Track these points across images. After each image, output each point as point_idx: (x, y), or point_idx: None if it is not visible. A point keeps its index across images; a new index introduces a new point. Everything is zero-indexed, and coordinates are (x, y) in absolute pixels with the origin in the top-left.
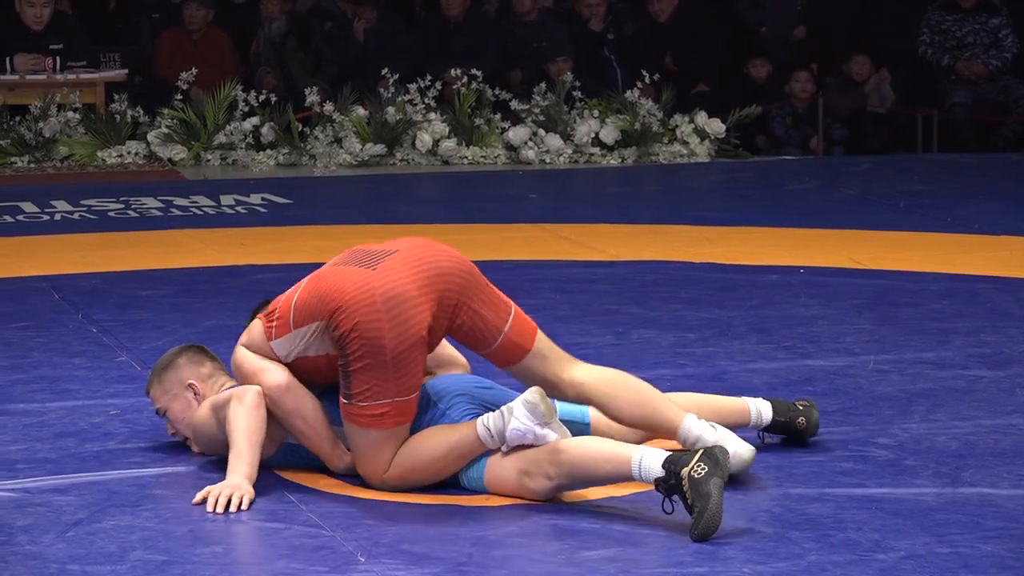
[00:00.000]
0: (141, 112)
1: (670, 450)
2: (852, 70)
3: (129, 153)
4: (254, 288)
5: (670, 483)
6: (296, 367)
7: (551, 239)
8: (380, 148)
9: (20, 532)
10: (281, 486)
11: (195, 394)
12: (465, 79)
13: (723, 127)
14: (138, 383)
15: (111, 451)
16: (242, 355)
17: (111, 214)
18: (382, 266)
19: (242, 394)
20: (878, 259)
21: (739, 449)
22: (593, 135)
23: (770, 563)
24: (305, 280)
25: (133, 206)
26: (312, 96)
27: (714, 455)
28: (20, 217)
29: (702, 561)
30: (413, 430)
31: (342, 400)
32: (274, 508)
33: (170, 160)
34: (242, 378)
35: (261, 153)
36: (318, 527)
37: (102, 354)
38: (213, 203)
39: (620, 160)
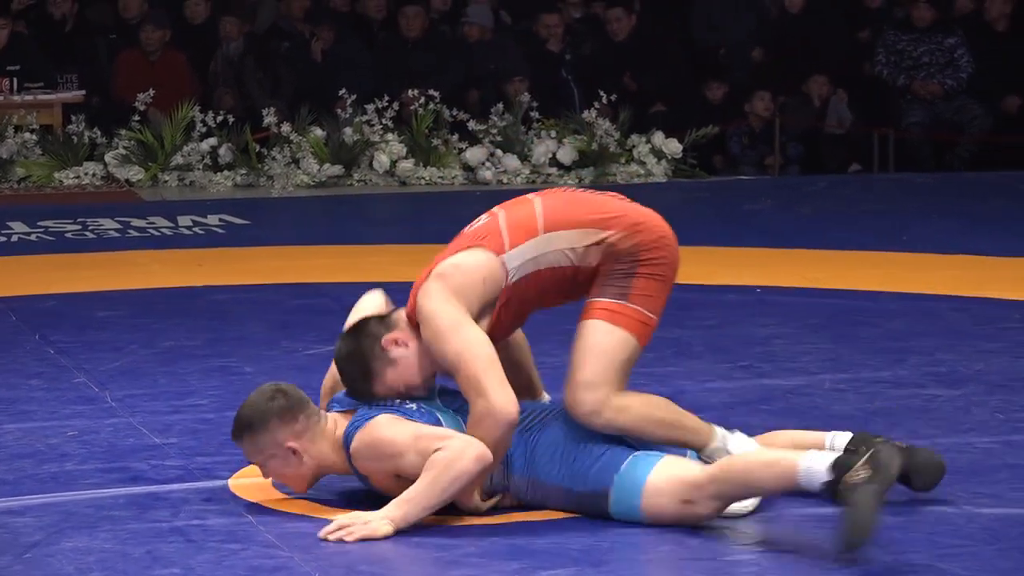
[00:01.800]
0: (99, 133)
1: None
2: (810, 90)
3: (87, 174)
4: (212, 309)
5: (836, 488)
6: (515, 288)
7: None
8: (338, 169)
9: None
10: (238, 506)
11: (295, 454)
12: (422, 99)
13: (680, 147)
14: (96, 404)
15: (68, 472)
16: (440, 313)
17: (68, 235)
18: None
19: (473, 448)
20: (834, 278)
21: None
22: (550, 155)
23: None
24: (513, 203)
25: (91, 227)
26: (270, 117)
27: (880, 460)
28: None
29: None
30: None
31: (607, 301)
32: (232, 529)
33: (127, 181)
34: (440, 345)
35: (219, 174)
36: (276, 547)
37: (59, 375)
38: (171, 224)
39: (577, 180)
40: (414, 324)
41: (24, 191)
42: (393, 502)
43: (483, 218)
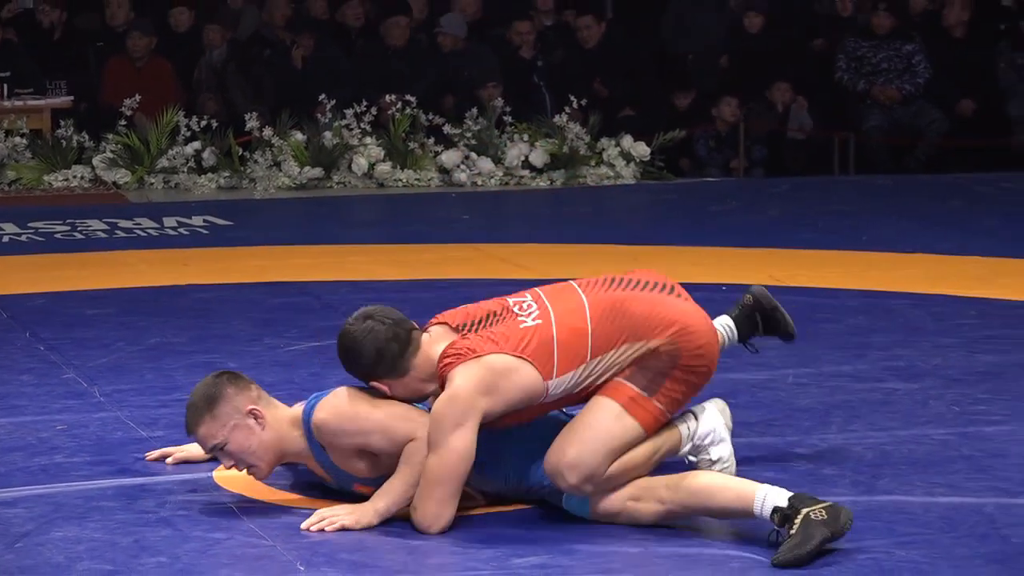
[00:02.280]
0: (86, 137)
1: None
2: (773, 97)
3: (75, 177)
4: (197, 307)
5: (787, 514)
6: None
7: (483, 259)
8: (318, 171)
9: None
10: (222, 496)
11: (256, 419)
12: (400, 105)
13: (648, 150)
14: (85, 399)
15: (58, 464)
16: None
17: (58, 236)
18: (684, 299)
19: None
20: (797, 277)
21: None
22: (523, 158)
23: (695, 569)
24: (554, 317)
25: (79, 228)
26: (252, 121)
27: (838, 514)
28: None
29: (630, 567)
30: None
31: (633, 389)
32: (216, 518)
33: (115, 184)
34: (434, 431)
35: (203, 176)
36: (259, 536)
37: (49, 371)
38: (156, 225)
39: (549, 182)
40: (442, 381)
41: (15, 193)
42: (375, 495)
43: (532, 307)
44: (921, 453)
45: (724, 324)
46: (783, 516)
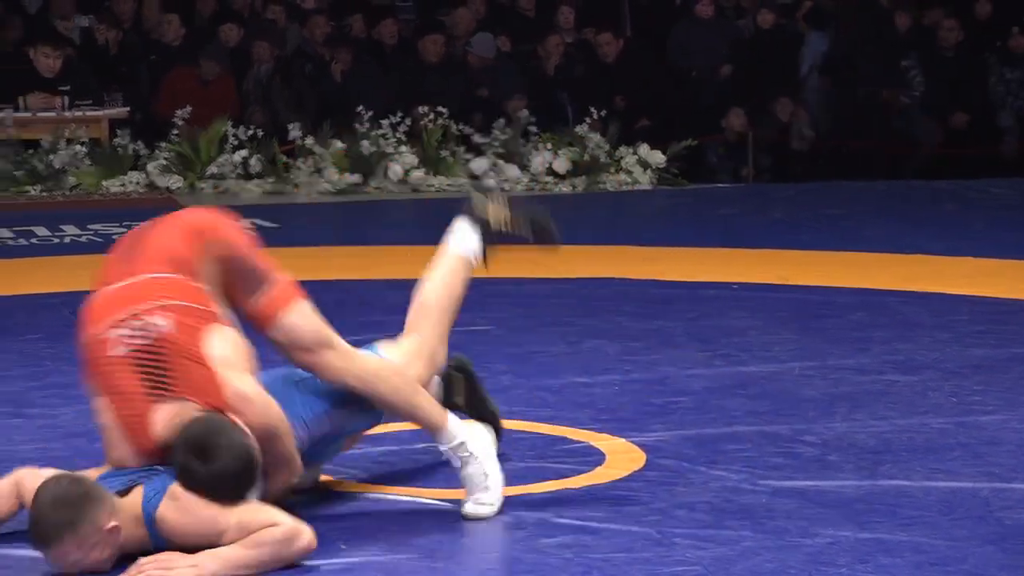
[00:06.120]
0: (142, 145)
1: None
2: (777, 109)
3: (131, 183)
4: None
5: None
6: None
7: (509, 259)
8: (356, 178)
9: None
10: None
11: (113, 533)
12: (432, 116)
13: (663, 158)
14: None
15: None
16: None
17: (115, 237)
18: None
19: (305, 538)
20: (802, 275)
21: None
22: (547, 165)
23: (710, 548)
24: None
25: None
26: (295, 131)
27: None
28: (33, 240)
29: (649, 547)
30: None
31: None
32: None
33: (167, 189)
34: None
35: (249, 182)
36: (301, 516)
37: None
38: None
39: (571, 188)
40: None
41: (75, 197)
42: (208, 553)
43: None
44: (920, 441)
45: None
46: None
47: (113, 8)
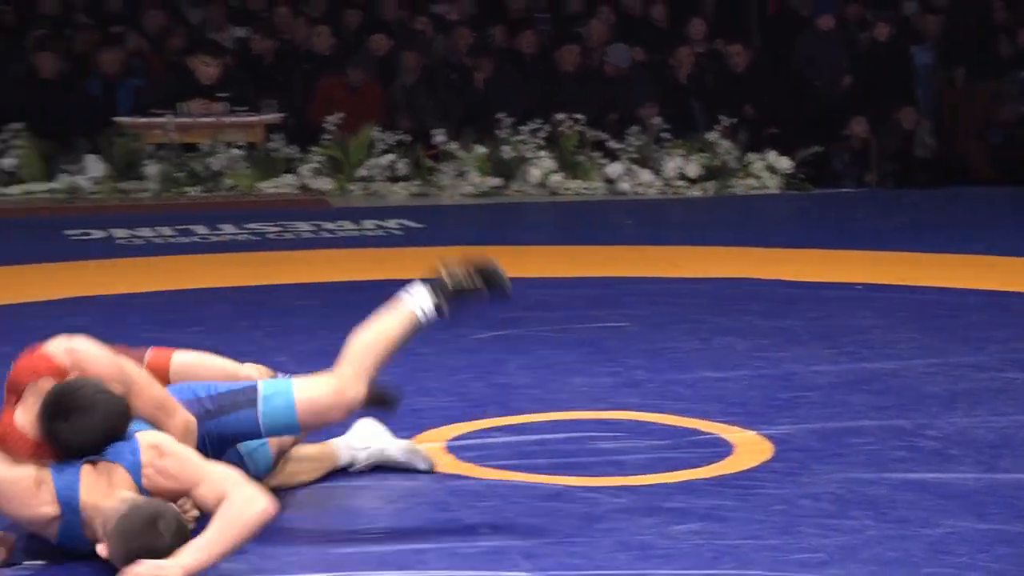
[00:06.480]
0: (295, 149)
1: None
2: (900, 118)
3: (284, 184)
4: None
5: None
6: None
7: (644, 259)
8: (497, 181)
9: None
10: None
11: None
12: (570, 122)
13: (791, 163)
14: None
15: None
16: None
17: (270, 236)
18: None
19: (258, 495)
20: (924, 278)
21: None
22: (679, 170)
23: (834, 537)
24: None
25: (288, 229)
26: (439, 136)
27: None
28: (194, 238)
29: (776, 535)
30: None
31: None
32: (409, 483)
33: (319, 190)
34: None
35: (396, 184)
36: (446, 503)
37: (263, 355)
38: (356, 227)
39: (702, 192)
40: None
41: (232, 198)
42: (186, 550)
43: None
44: None
45: None
46: (441, 296)
47: (270, 20)
